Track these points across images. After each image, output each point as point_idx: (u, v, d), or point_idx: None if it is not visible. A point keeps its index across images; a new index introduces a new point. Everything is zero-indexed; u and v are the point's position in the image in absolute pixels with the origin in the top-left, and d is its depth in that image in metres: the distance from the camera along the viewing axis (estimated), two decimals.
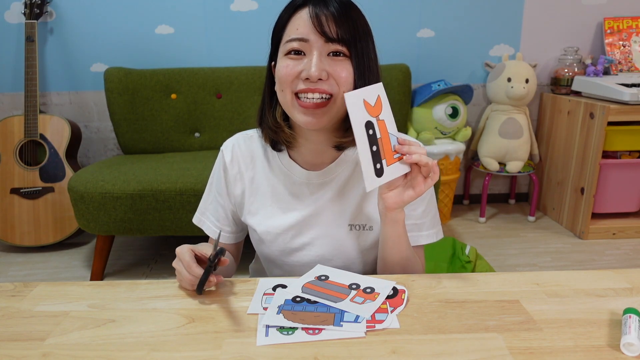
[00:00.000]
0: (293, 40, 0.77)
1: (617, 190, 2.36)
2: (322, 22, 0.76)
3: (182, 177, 1.89)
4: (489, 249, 2.29)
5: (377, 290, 0.76)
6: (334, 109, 0.79)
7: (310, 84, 0.77)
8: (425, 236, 0.92)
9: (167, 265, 2.20)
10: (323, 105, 0.78)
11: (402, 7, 2.54)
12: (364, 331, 0.66)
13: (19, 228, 2.26)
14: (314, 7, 0.77)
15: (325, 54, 0.77)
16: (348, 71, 0.78)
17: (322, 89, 0.77)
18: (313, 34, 0.76)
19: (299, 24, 0.78)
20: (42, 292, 0.78)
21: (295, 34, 0.77)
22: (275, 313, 0.70)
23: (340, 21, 0.76)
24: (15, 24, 2.44)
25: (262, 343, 0.64)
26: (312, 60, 0.76)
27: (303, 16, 0.77)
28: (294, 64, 0.78)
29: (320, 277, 0.81)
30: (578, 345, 0.63)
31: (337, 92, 0.78)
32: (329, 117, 0.79)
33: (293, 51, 0.78)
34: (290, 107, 0.80)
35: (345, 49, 0.77)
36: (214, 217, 0.97)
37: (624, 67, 2.55)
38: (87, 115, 2.59)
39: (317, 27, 0.76)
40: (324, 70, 0.76)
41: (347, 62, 0.78)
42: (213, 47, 2.53)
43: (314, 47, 0.77)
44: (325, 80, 0.77)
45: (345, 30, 0.76)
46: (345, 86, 0.78)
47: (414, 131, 2.53)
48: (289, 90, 0.79)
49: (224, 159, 0.94)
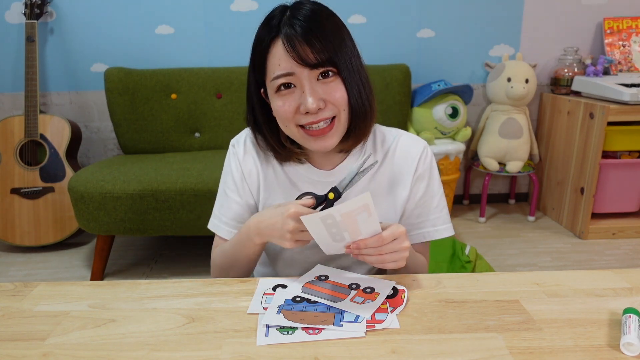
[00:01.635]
0: (279, 77, 0.78)
1: (617, 190, 2.36)
2: (299, 52, 0.75)
3: (182, 177, 1.89)
4: (489, 249, 2.29)
5: (377, 290, 0.76)
6: (340, 127, 0.81)
7: (312, 117, 0.78)
8: (439, 231, 0.93)
9: (167, 265, 2.20)
10: (329, 129, 0.80)
11: (402, 7, 2.54)
12: (364, 331, 0.66)
13: (19, 228, 2.26)
14: (287, 36, 0.75)
15: (315, 79, 0.78)
16: (341, 90, 0.79)
17: (324, 116, 0.79)
18: (296, 66, 0.76)
19: (279, 60, 0.77)
20: (42, 292, 0.78)
21: (279, 70, 0.77)
22: (275, 313, 0.70)
23: (316, 43, 0.75)
24: (16, 24, 2.44)
25: (262, 343, 0.64)
26: (306, 92, 0.77)
27: (280, 50, 0.77)
28: (289, 101, 0.79)
29: (320, 277, 0.81)
30: (578, 345, 0.63)
31: (338, 113, 0.80)
32: (337, 135, 0.82)
33: (283, 86, 0.79)
34: (300, 138, 0.82)
35: (332, 68, 0.78)
36: (228, 218, 0.93)
37: (624, 67, 2.55)
38: (87, 115, 2.59)
39: (298, 59, 0.75)
40: (321, 99, 0.78)
41: (337, 80, 0.79)
42: (213, 47, 2.53)
43: (302, 77, 0.77)
44: (324, 108, 0.78)
45: (324, 49, 0.76)
46: (343, 105, 0.80)
47: (414, 131, 2.53)
48: (293, 125, 0.81)
49: (237, 154, 0.92)
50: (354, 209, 0.69)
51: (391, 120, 2.42)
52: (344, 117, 0.81)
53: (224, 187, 0.94)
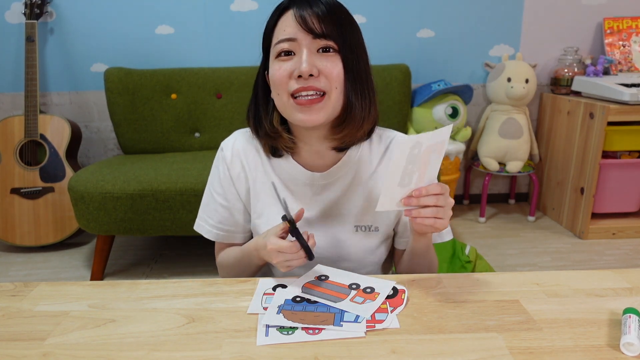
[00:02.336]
0: (282, 41, 0.79)
1: (616, 190, 2.36)
2: (307, 20, 0.77)
3: (182, 177, 1.89)
4: (489, 249, 2.29)
5: (377, 290, 0.76)
6: (329, 105, 0.80)
7: (303, 82, 0.78)
8: (440, 235, 0.94)
9: (167, 265, 2.20)
10: (318, 101, 0.79)
11: (402, 7, 2.54)
12: (364, 331, 0.66)
13: (19, 228, 2.26)
14: (298, 9, 0.78)
15: (314, 51, 0.78)
16: (338, 67, 0.79)
17: (315, 86, 0.78)
18: (300, 32, 0.78)
19: (285, 26, 0.79)
20: (42, 292, 0.78)
21: (282, 35, 0.79)
22: (275, 313, 0.70)
23: (325, 18, 0.78)
24: (16, 24, 2.44)
25: (262, 343, 0.64)
26: (302, 57, 0.77)
27: (288, 18, 0.79)
28: (285, 65, 0.79)
29: (320, 277, 0.81)
30: (578, 345, 0.63)
31: (329, 89, 0.79)
32: (325, 113, 0.80)
33: (283, 52, 0.79)
34: (288, 107, 0.81)
35: (333, 44, 0.78)
36: (214, 221, 0.94)
37: (624, 67, 2.55)
38: (87, 115, 2.59)
39: (303, 25, 0.77)
40: (314, 66, 0.77)
41: (336, 58, 0.79)
42: (213, 47, 2.53)
43: (303, 44, 0.78)
44: (316, 77, 0.78)
45: (332, 26, 0.78)
46: (337, 82, 0.79)
47: (414, 131, 2.53)
48: (285, 92, 0.80)
49: (224, 158, 0.93)
50: (436, 142, 0.70)
51: (391, 121, 2.42)
52: (336, 95, 0.80)
53: (211, 190, 0.95)
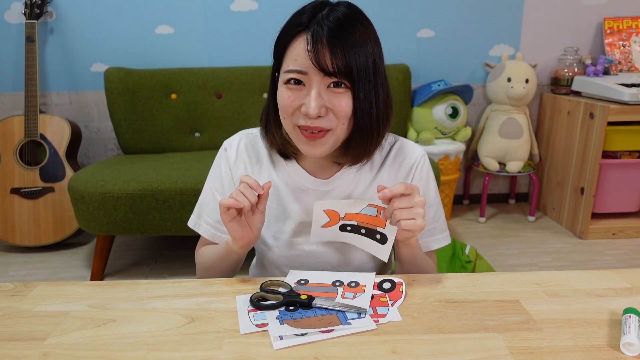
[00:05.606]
0: (292, 71, 0.76)
1: (617, 190, 2.36)
2: (319, 54, 0.73)
3: (182, 177, 1.89)
4: (489, 249, 2.29)
5: (361, 282, 0.77)
6: (332, 139, 0.79)
7: (310, 122, 0.76)
8: (437, 240, 0.94)
9: (167, 265, 2.20)
10: (321, 136, 0.78)
11: (402, 7, 2.54)
12: (374, 324, 0.67)
13: (19, 228, 2.26)
14: (312, 35, 0.73)
15: (325, 87, 0.76)
16: (347, 104, 0.76)
17: (320, 126, 0.77)
18: (311, 67, 0.74)
19: (297, 54, 0.75)
20: (42, 292, 0.78)
21: (293, 65, 0.75)
22: (279, 324, 0.68)
23: (338, 51, 0.73)
24: (16, 24, 2.44)
25: (279, 347, 0.63)
26: (312, 96, 0.75)
27: (301, 46, 0.75)
28: (293, 96, 0.77)
29: (299, 281, 0.80)
30: (578, 345, 0.63)
31: (335, 126, 0.78)
32: (328, 147, 0.79)
33: (292, 80, 0.77)
34: (293, 135, 0.81)
35: (345, 80, 0.75)
36: (213, 220, 0.93)
37: (624, 67, 2.55)
38: (87, 115, 2.59)
39: (314, 61, 0.73)
40: (323, 106, 0.76)
41: (347, 94, 0.76)
42: (213, 47, 2.53)
43: (313, 80, 0.75)
44: (324, 116, 0.76)
45: (346, 62, 0.73)
46: (344, 119, 0.77)
47: (414, 131, 2.54)
48: (290, 121, 0.79)
49: (228, 159, 0.92)
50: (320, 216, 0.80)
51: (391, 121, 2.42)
52: (341, 130, 0.78)
53: (211, 188, 0.94)
